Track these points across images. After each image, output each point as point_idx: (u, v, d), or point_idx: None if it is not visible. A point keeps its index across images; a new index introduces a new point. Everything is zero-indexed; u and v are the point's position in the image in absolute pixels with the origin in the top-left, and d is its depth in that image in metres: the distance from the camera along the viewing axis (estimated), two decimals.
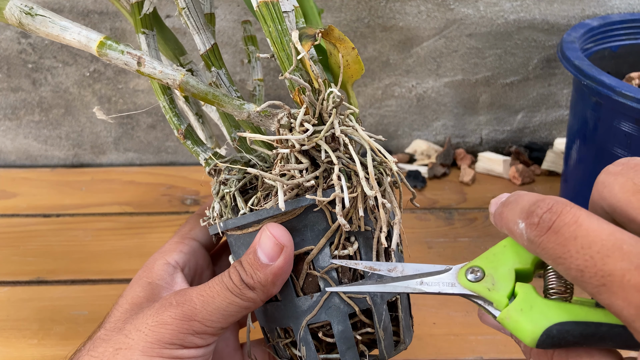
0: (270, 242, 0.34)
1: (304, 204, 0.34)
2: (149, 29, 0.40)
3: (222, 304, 0.34)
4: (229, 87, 0.41)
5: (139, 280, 0.39)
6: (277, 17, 0.35)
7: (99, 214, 0.70)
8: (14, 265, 0.62)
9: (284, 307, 0.36)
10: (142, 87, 0.76)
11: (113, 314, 0.37)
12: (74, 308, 0.56)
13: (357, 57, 0.35)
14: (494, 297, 0.28)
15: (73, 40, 0.36)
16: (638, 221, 0.23)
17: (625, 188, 0.24)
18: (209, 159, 0.41)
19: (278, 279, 0.34)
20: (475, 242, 0.64)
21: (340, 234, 0.35)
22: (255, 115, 0.36)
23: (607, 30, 0.66)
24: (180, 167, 0.80)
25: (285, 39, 0.35)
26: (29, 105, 0.77)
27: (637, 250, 0.21)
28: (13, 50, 0.73)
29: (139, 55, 0.36)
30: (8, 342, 0.53)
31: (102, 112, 0.40)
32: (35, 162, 0.80)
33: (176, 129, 0.41)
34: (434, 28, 0.73)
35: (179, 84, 0.36)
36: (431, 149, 0.79)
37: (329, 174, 0.34)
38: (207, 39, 0.40)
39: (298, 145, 0.33)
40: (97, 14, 0.71)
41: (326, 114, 0.34)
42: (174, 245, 0.41)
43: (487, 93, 0.78)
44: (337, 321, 0.35)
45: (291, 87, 0.35)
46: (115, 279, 0.60)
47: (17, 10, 0.36)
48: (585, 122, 0.59)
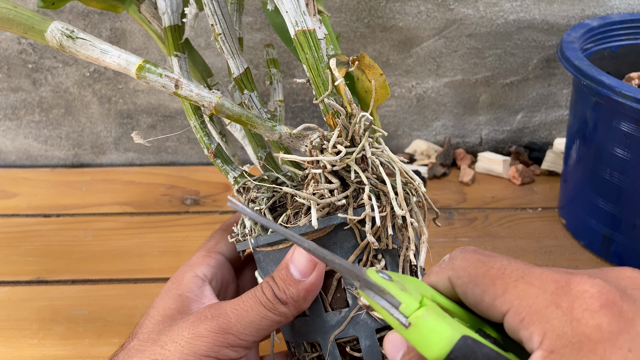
0: (304, 259, 0.35)
1: (335, 222, 0.36)
2: (181, 52, 0.42)
3: (256, 317, 0.35)
4: (260, 109, 0.42)
5: (169, 292, 0.39)
6: (314, 45, 0.37)
7: (99, 214, 0.70)
8: (14, 265, 0.62)
9: (312, 322, 0.38)
10: (142, 87, 0.76)
11: (145, 325, 0.38)
12: (74, 308, 0.56)
13: (384, 82, 0.38)
14: (405, 299, 0.26)
15: (113, 63, 0.37)
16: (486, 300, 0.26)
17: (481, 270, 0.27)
18: (238, 177, 0.42)
19: (309, 294, 0.36)
20: (475, 242, 0.64)
21: (369, 251, 0.36)
22: (287, 136, 0.38)
23: (606, 30, 0.66)
24: (180, 167, 0.80)
25: (321, 65, 0.37)
26: (29, 105, 0.77)
27: None
28: (13, 50, 0.73)
29: (177, 79, 0.37)
30: (8, 342, 0.53)
31: (140, 137, 0.41)
32: (35, 162, 0.80)
33: (206, 148, 0.43)
34: (434, 28, 0.73)
35: (215, 106, 0.37)
36: (431, 149, 0.79)
37: (358, 194, 0.36)
38: (240, 63, 0.42)
39: (329, 166, 0.35)
40: (97, 14, 0.71)
41: (357, 137, 0.36)
42: (201, 259, 0.42)
43: (487, 93, 0.78)
44: (364, 336, 0.36)
45: (325, 110, 0.37)
46: (115, 279, 0.60)
47: (59, 33, 0.38)
48: (585, 122, 0.59)
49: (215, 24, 0.40)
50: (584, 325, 0.23)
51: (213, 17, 0.40)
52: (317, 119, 0.78)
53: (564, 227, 0.66)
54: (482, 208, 0.70)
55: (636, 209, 0.56)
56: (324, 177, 0.36)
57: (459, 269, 0.28)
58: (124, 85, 0.76)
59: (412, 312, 0.25)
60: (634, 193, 0.56)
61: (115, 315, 0.55)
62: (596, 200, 0.60)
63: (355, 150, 0.35)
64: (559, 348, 0.23)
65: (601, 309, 0.24)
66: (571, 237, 0.65)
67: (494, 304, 0.26)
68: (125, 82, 0.75)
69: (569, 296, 0.24)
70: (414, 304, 0.25)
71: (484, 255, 0.28)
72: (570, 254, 0.62)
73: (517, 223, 0.67)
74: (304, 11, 0.37)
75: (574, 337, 0.23)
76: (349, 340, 0.37)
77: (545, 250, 0.63)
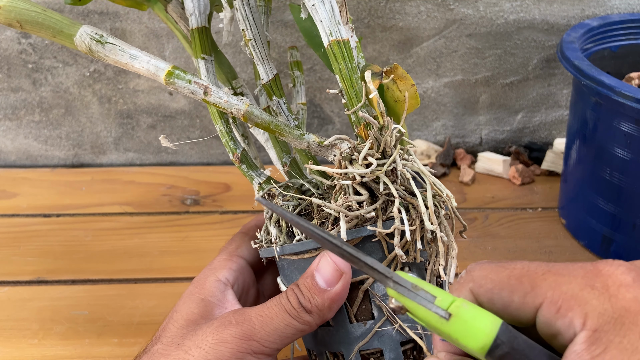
0: (330, 268, 0.35)
1: (364, 234, 0.35)
2: (208, 54, 0.42)
3: (280, 325, 0.35)
4: (287, 116, 0.42)
5: (192, 296, 0.39)
6: (348, 56, 0.37)
7: (99, 214, 0.70)
8: (14, 265, 0.62)
9: (336, 332, 0.38)
10: (142, 87, 0.76)
11: (168, 329, 0.38)
12: (74, 308, 0.56)
13: (416, 92, 0.37)
14: (439, 293, 0.26)
15: (142, 68, 0.37)
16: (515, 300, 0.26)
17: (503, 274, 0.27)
18: (263, 184, 0.42)
19: (334, 304, 0.36)
20: (475, 242, 0.64)
21: (396, 264, 0.36)
22: (315, 145, 0.38)
23: (606, 30, 0.66)
24: (180, 167, 0.80)
25: (355, 76, 0.37)
26: (29, 106, 0.77)
27: None
28: (13, 50, 0.73)
29: (206, 85, 0.37)
30: (8, 342, 0.53)
31: (167, 140, 0.41)
32: (35, 162, 0.80)
33: (232, 153, 0.42)
34: (434, 28, 0.73)
35: (244, 114, 0.37)
36: (431, 149, 0.79)
37: (387, 206, 0.36)
38: (270, 70, 0.42)
39: (359, 177, 0.35)
40: (97, 14, 0.71)
41: (389, 149, 0.36)
42: (223, 262, 0.42)
43: (487, 93, 0.78)
44: (389, 349, 0.37)
45: (357, 121, 0.37)
46: (115, 279, 0.60)
47: (88, 37, 0.38)
48: (585, 122, 0.59)
49: (246, 29, 0.40)
50: (622, 300, 0.24)
51: (245, 22, 0.40)
52: (317, 119, 0.78)
53: (564, 227, 0.66)
54: (482, 208, 0.70)
55: (636, 209, 0.56)
56: (352, 188, 0.36)
57: (480, 278, 0.28)
58: (124, 85, 0.76)
59: (449, 304, 0.25)
60: (634, 193, 0.56)
61: (115, 315, 0.55)
62: (596, 200, 0.60)
63: (386, 162, 0.35)
64: (602, 325, 0.24)
65: (634, 283, 0.25)
66: (571, 237, 0.65)
67: (525, 301, 0.26)
68: (125, 82, 0.75)
69: (600, 277, 0.25)
70: (449, 296, 0.25)
71: (501, 262, 0.28)
72: (570, 254, 0.62)
73: (517, 223, 0.67)
74: (339, 20, 0.37)
75: (615, 312, 0.24)
76: (373, 352, 0.37)
77: (545, 250, 0.63)
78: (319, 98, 0.77)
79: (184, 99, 0.77)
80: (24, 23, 0.37)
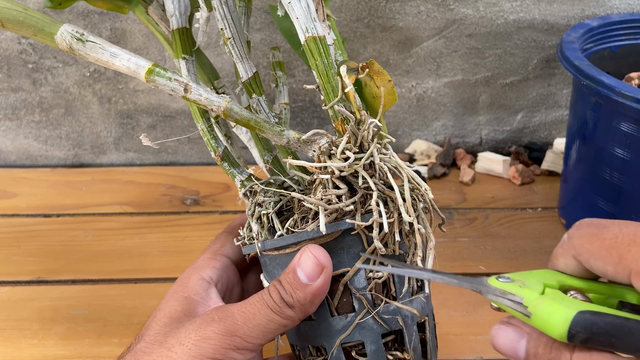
0: (312, 263, 0.36)
1: (343, 227, 0.36)
2: (189, 54, 0.42)
3: (263, 321, 0.35)
4: (267, 113, 0.43)
5: (175, 294, 0.40)
6: (324, 51, 0.37)
7: (99, 214, 0.70)
8: (14, 265, 0.62)
9: (318, 326, 0.38)
10: (142, 87, 0.76)
11: (152, 327, 0.38)
12: (74, 308, 0.56)
13: (393, 88, 0.38)
14: (525, 293, 0.29)
15: (122, 66, 0.38)
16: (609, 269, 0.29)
17: (596, 244, 0.30)
18: (245, 181, 0.42)
19: (316, 298, 0.36)
20: (475, 242, 0.64)
21: (376, 255, 0.36)
22: (295, 141, 0.38)
23: (606, 30, 0.66)
24: (180, 167, 0.80)
25: (332, 71, 0.37)
26: (29, 106, 0.77)
27: None
28: (13, 50, 0.73)
29: (186, 82, 0.38)
30: (8, 342, 0.53)
31: (148, 139, 0.41)
32: (35, 162, 0.80)
33: (213, 151, 0.43)
34: (434, 28, 0.73)
35: (224, 111, 0.38)
36: (431, 149, 0.79)
37: (366, 199, 0.36)
38: (249, 68, 0.42)
39: (337, 171, 0.35)
40: (97, 14, 0.71)
41: (366, 143, 0.36)
42: (207, 261, 0.42)
43: (487, 93, 0.78)
44: (370, 341, 0.37)
45: (334, 116, 0.38)
46: (115, 279, 0.60)
47: (69, 36, 0.38)
48: (585, 122, 0.59)
49: (225, 28, 0.40)
50: None
51: (223, 21, 0.40)
52: (317, 119, 0.78)
53: (564, 227, 0.66)
54: (482, 208, 0.70)
55: (636, 209, 0.56)
56: (331, 183, 0.36)
57: (578, 246, 0.30)
58: (124, 85, 0.76)
59: (531, 304, 0.28)
60: (634, 193, 0.56)
61: (115, 315, 0.55)
62: (596, 200, 0.60)
63: (363, 156, 0.36)
64: None
65: None
66: None
67: (617, 270, 0.28)
68: (125, 82, 0.76)
69: None
70: (534, 295, 0.29)
71: (597, 227, 0.30)
72: None
73: (517, 223, 0.67)
74: (315, 17, 0.37)
75: None
76: (354, 344, 0.37)
77: (545, 250, 0.63)
78: (319, 98, 0.77)
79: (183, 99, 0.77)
80: (5, 22, 0.38)
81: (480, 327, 0.53)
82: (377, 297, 0.37)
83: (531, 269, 0.32)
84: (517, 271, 0.31)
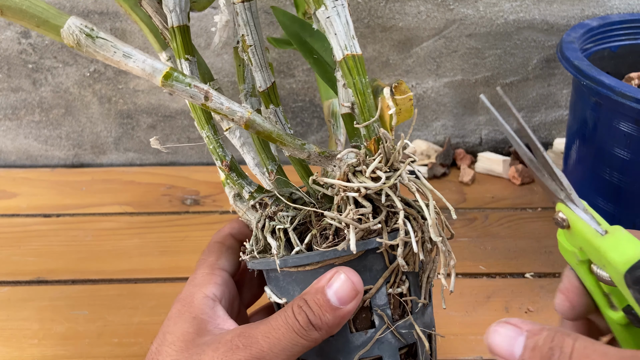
0: (347, 287, 0.35)
1: (371, 246, 0.36)
2: (191, 55, 0.40)
3: (288, 345, 0.35)
4: (284, 125, 0.41)
5: (182, 315, 0.38)
6: (362, 70, 0.37)
7: (99, 214, 0.70)
8: (14, 265, 0.62)
9: (336, 342, 0.38)
10: (142, 87, 0.76)
11: (166, 352, 0.37)
12: (74, 308, 0.56)
13: (412, 106, 0.38)
14: (603, 220, 0.30)
15: (136, 68, 0.35)
16: None
17: None
18: (254, 193, 0.41)
19: (344, 321, 0.35)
20: (475, 242, 0.64)
21: (397, 273, 0.37)
22: (316, 155, 0.37)
23: (606, 30, 0.66)
24: (180, 167, 0.80)
25: (368, 90, 0.37)
26: (29, 106, 0.77)
27: None
28: (13, 50, 0.73)
29: (206, 90, 0.35)
30: (8, 342, 0.53)
31: (159, 142, 0.40)
32: (35, 162, 0.80)
33: (220, 160, 0.41)
34: (434, 28, 0.73)
35: (246, 122, 0.36)
36: (431, 149, 0.79)
37: (387, 218, 0.36)
38: (267, 77, 0.41)
39: (364, 190, 0.35)
40: (97, 14, 0.71)
41: (396, 163, 0.37)
42: (207, 277, 0.41)
43: (487, 93, 0.78)
44: (388, 355, 0.37)
45: (367, 135, 0.37)
46: (115, 279, 0.60)
47: (77, 30, 0.35)
48: (585, 122, 0.59)
49: (247, 35, 0.39)
50: None
51: (245, 27, 0.39)
52: (317, 119, 0.78)
53: None
54: (482, 208, 0.70)
55: (636, 209, 0.56)
56: (353, 200, 0.36)
57: None
58: (124, 85, 0.76)
59: (608, 227, 0.29)
60: (634, 193, 0.56)
61: (115, 315, 0.55)
62: (596, 200, 0.60)
63: (392, 176, 0.36)
64: None
65: None
66: None
67: None
68: (126, 82, 0.76)
69: None
70: (608, 225, 0.30)
71: None
72: None
73: (517, 223, 0.67)
74: (353, 35, 0.36)
75: None
76: (373, 359, 0.38)
77: (545, 250, 0.63)
78: (319, 98, 0.77)
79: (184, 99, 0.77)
80: (5, 9, 0.35)
81: (480, 327, 0.53)
82: (394, 313, 0.37)
83: (531, 269, 0.32)
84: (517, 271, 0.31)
